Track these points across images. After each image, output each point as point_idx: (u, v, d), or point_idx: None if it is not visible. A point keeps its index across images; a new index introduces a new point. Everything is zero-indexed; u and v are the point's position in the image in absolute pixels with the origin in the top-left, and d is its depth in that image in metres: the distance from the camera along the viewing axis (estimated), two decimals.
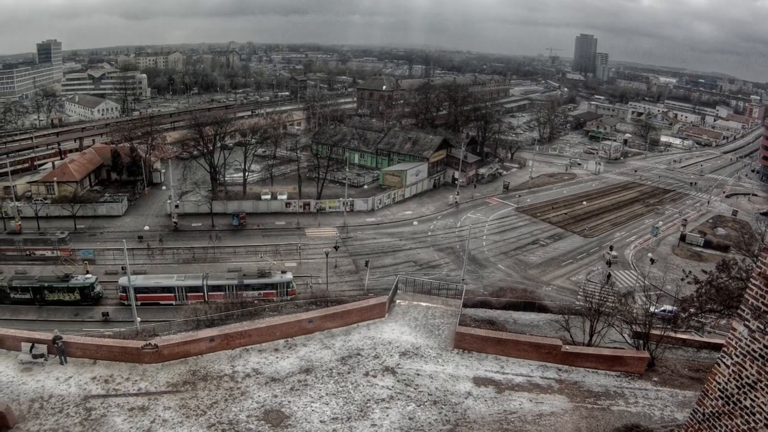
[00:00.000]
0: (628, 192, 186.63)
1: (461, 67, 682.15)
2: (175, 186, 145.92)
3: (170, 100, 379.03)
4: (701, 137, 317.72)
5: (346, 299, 71.68)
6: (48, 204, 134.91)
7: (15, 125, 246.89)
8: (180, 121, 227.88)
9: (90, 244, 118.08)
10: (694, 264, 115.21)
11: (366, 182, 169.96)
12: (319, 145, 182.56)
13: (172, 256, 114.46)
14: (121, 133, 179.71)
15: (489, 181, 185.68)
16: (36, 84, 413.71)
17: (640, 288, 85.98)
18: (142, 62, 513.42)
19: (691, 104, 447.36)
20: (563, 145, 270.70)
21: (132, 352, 49.87)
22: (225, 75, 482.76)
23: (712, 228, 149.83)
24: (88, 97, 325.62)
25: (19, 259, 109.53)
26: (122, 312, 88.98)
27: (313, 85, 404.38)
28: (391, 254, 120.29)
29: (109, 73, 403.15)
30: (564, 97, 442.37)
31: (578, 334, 58.54)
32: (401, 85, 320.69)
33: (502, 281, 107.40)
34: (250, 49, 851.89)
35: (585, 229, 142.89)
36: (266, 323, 56.29)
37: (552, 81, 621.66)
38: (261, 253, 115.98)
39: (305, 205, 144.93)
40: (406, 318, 61.02)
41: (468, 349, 54.40)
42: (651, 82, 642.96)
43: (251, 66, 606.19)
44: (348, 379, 48.35)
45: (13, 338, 50.64)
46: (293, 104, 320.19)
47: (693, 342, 62.13)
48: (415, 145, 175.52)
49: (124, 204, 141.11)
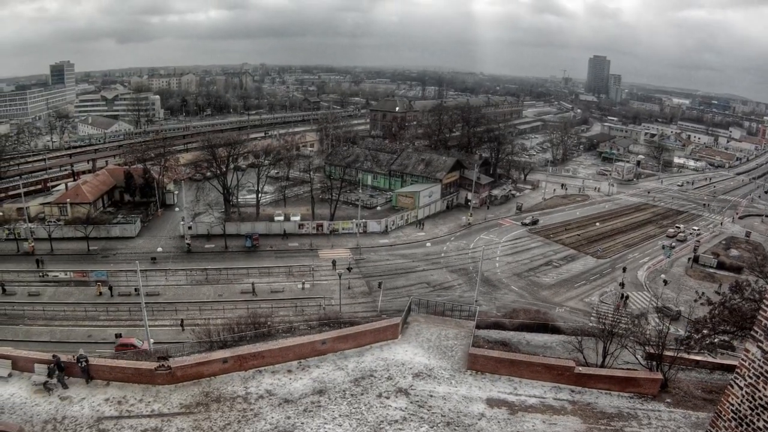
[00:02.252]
0: (641, 213, 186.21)
1: (474, 89, 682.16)
2: (188, 207, 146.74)
3: (183, 122, 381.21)
4: (714, 158, 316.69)
5: (359, 320, 71.67)
6: (61, 225, 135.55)
7: (28, 147, 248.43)
8: (193, 142, 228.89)
9: (103, 265, 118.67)
10: (707, 285, 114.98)
11: (379, 203, 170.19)
12: (332, 166, 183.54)
13: (185, 277, 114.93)
14: (134, 154, 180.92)
15: (502, 203, 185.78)
16: (49, 105, 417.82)
17: (653, 309, 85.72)
18: (156, 83, 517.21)
19: (704, 125, 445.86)
20: (576, 166, 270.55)
21: (145, 373, 49.91)
22: (238, 96, 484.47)
23: (725, 249, 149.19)
24: (101, 118, 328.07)
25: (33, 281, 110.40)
26: (135, 333, 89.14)
27: (326, 107, 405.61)
28: (404, 275, 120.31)
29: (123, 94, 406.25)
30: (577, 119, 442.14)
31: (591, 355, 58.29)
32: (414, 107, 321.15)
33: (515, 302, 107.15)
34: (263, 70, 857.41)
35: (598, 250, 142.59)
36: (279, 344, 56.29)
37: (565, 102, 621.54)
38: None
39: (318, 226, 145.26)
40: (419, 339, 60.96)
41: (481, 370, 54.25)
42: (664, 103, 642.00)
43: (264, 87, 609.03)
44: (361, 401, 48.27)
45: (26, 360, 50.82)
46: (306, 126, 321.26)
47: (706, 363, 61.70)
48: (428, 166, 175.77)
49: (138, 225, 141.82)
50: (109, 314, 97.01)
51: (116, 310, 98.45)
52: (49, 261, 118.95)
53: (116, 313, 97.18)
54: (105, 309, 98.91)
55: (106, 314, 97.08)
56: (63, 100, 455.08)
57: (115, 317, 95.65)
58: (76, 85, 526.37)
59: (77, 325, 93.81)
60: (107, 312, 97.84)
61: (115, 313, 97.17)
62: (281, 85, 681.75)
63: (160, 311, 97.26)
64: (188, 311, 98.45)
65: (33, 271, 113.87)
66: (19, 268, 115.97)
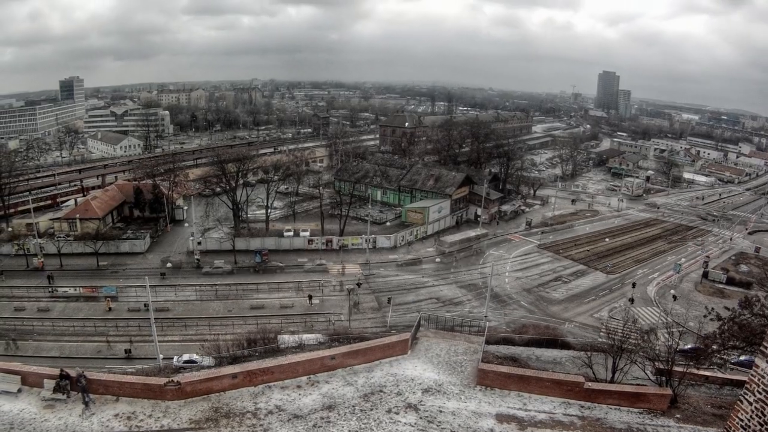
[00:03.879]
0: (650, 229, 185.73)
1: (484, 104, 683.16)
2: (198, 223, 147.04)
3: (193, 137, 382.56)
4: (724, 174, 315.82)
5: (368, 336, 71.71)
6: (70, 241, 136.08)
7: (37, 162, 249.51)
8: (203, 158, 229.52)
9: (112, 281, 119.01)
10: (717, 301, 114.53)
11: (388, 219, 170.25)
12: (341, 181, 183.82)
13: (195, 293, 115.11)
14: (144, 170, 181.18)
15: (511, 218, 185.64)
16: (58, 121, 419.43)
17: (662, 325, 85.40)
18: (165, 99, 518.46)
19: (713, 141, 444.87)
20: (586, 181, 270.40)
21: (154, 388, 50.01)
22: (247, 112, 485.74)
23: (735, 265, 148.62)
24: (110, 134, 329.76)
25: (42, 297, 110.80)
26: (145, 348, 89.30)
27: (335, 122, 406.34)
28: (413, 291, 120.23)
29: (132, 110, 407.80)
30: (586, 134, 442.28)
31: (601, 371, 58.15)
32: (424, 122, 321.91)
33: (524, 318, 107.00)
34: (272, 85, 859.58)
35: (607, 265, 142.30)
36: (288, 360, 56.37)
37: (575, 117, 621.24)
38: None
39: (328, 241, 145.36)
40: (429, 355, 60.93)
41: (491, 385, 54.19)
42: (673, 118, 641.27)
43: (274, 103, 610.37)
44: (371, 416, 48.25)
45: (36, 375, 50.97)
46: (316, 141, 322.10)
47: (716, 379, 61.51)
48: (437, 182, 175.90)
49: (147, 241, 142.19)
50: (118, 330, 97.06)
51: (126, 325, 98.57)
52: (59, 276, 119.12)
53: (126, 329, 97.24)
54: (114, 324, 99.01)
55: (116, 330, 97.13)
56: (72, 115, 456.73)
57: (125, 333, 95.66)
58: (86, 100, 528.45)
59: (87, 340, 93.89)
60: (117, 327, 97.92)
61: (124, 329, 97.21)
62: (290, 101, 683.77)
63: (169, 327, 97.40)
64: (197, 327, 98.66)
65: (42, 287, 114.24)
66: (28, 283, 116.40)
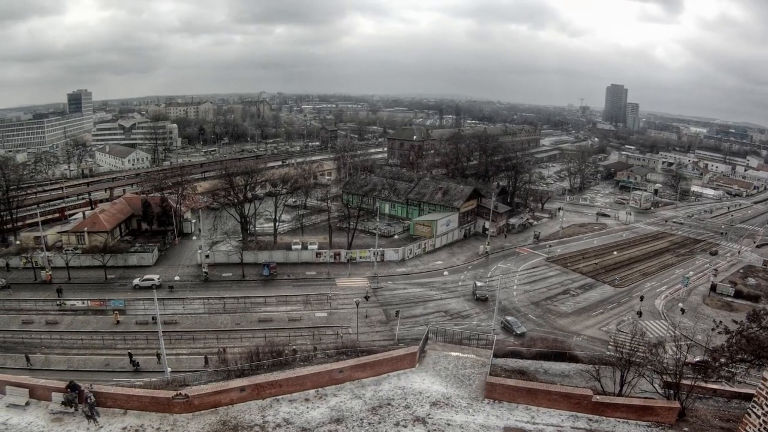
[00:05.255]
0: (658, 242, 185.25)
1: (492, 117, 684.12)
2: (206, 236, 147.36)
3: (200, 150, 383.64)
4: (732, 187, 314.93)
5: (376, 349, 71.74)
6: (78, 254, 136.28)
7: (45, 175, 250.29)
8: (210, 171, 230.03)
9: (121, 294, 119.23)
10: (725, 314, 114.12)
11: (396, 232, 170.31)
12: (349, 195, 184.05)
13: (202, 306, 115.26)
14: (152, 183, 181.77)
15: (519, 231, 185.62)
16: (66, 134, 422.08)
17: (670, 338, 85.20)
18: (173, 112, 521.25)
19: (721, 154, 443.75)
20: (594, 195, 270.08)
21: (162, 401, 50.16)
22: (255, 125, 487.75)
23: (743, 278, 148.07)
24: (118, 147, 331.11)
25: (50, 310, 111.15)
26: (153, 361, 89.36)
27: (343, 135, 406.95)
28: (421, 304, 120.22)
29: (140, 123, 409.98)
30: (594, 147, 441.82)
31: (609, 384, 58.11)
32: (432, 135, 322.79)
33: (532, 331, 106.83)
34: (280, 99, 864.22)
35: (615, 279, 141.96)
36: (296, 373, 56.49)
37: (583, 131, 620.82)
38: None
39: (336, 255, 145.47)
40: (437, 368, 60.97)
41: (499, 399, 54.20)
42: (681, 132, 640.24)
43: (282, 116, 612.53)
44: (379, 430, 48.30)
45: (44, 388, 51.17)
46: (324, 154, 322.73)
47: (723, 392, 61.39)
48: (445, 195, 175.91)
49: (155, 254, 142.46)
50: (126, 343, 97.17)
51: (134, 338, 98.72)
52: (67, 289, 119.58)
53: (134, 342, 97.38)
54: (122, 337, 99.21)
55: (124, 343, 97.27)
56: (80, 128, 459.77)
57: (133, 346, 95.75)
58: (94, 113, 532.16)
59: (95, 353, 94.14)
60: (125, 340, 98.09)
61: (132, 342, 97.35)
62: (298, 114, 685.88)
63: (177, 340, 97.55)
64: (206, 339, 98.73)
65: (51, 300, 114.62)
66: (36, 296, 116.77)
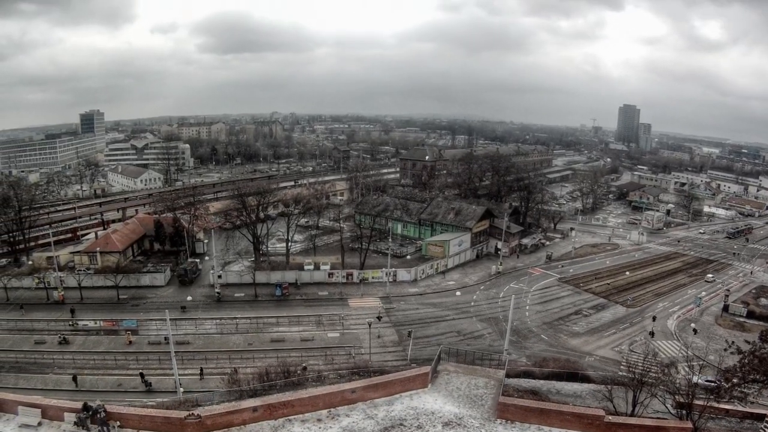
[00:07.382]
0: (671, 262, 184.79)
1: (504, 137, 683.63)
2: (218, 256, 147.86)
3: (213, 171, 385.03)
4: (744, 207, 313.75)
5: (388, 369, 71.94)
6: (91, 274, 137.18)
7: (58, 195, 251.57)
8: (223, 191, 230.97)
9: (133, 314, 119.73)
10: (737, 334, 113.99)
11: (409, 252, 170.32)
12: (361, 215, 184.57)
13: (215, 326, 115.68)
14: (164, 203, 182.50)
15: (532, 252, 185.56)
16: (79, 154, 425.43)
17: (683, 358, 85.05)
18: (185, 132, 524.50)
19: (734, 174, 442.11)
20: (606, 215, 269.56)
21: (175, 422, 50.47)
22: (268, 145, 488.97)
23: (756, 298, 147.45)
24: (131, 167, 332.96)
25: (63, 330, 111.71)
26: (165, 381, 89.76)
27: (356, 156, 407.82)
28: (434, 324, 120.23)
29: (152, 143, 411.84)
30: (607, 168, 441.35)
31: (621, 404, 58.13)
32: (444, 156, 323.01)
33: (544, 351, 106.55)
34: (293, 119, 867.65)
35: (628, 299, 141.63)
36: (309, 393, 56.75)
37: (595, 151, 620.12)
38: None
39: (348, 275, 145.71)
40: (449, 388, 61.13)
41: (511, 419, 54.29)
42: (694, 152, 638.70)
43: (294, 136, 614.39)
44: None
45: (56, 408, 51.59)
46: (336, 174, 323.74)
47: (736, 412, 61.27)
48: (458, 215, 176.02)
49: (167, 274, 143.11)
50: (138, 363, 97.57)
51: (146, 359, 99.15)
52: (79, 309, 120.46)
53: (146, 362, 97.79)
54: (135, 358, 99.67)
55: (136, 363, 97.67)
56: (93, 148, 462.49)
57: (145, 366, 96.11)
58: (106, 133, 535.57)
59: (107, 374, 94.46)
60: (137, 361, 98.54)
61: (144, 362, 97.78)
62: (311, 134, 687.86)
63: (189, 360, 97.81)
64: (218, 360, 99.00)
65: (63, 320, 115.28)
66: (48, 316, 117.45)
